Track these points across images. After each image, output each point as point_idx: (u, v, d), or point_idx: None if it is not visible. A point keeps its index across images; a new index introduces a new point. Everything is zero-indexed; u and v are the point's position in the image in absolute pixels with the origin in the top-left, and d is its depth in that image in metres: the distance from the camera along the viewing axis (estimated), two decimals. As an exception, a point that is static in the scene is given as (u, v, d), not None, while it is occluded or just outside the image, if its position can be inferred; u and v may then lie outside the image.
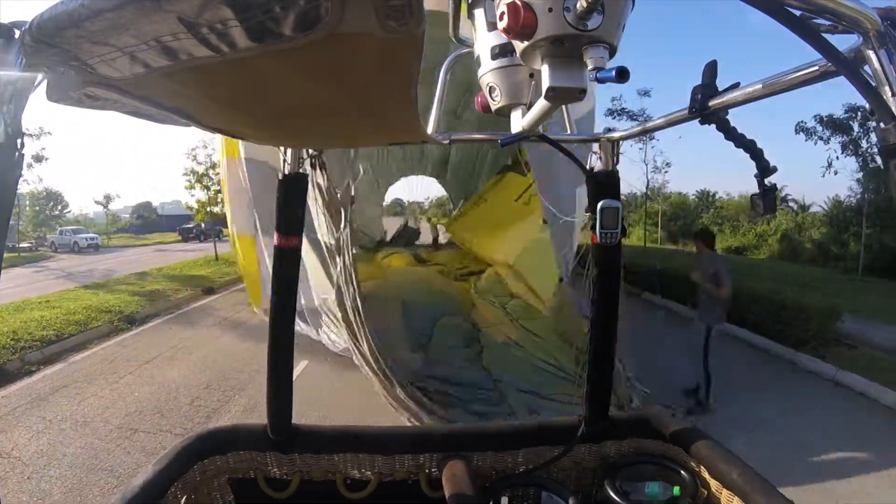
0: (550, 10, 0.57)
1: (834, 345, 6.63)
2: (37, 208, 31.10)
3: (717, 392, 4.87)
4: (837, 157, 13.77)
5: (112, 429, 4.54)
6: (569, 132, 1.48)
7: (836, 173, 14.03)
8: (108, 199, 40.14)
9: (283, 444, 1.63)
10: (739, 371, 6.00)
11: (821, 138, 13.29)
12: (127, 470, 3.86)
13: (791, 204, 26.64)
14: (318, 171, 1.62)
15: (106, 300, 10.11)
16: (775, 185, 0.84)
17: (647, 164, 18.91)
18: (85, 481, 3.73)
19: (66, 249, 27.59)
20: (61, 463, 4.00)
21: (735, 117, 0.86)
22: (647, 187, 20.30)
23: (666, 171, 20.49)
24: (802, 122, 13.53)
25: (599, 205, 1.39)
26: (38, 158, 23.36)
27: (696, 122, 0.89)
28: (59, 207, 35.14)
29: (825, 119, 13.07)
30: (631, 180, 32.44)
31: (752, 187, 0.83)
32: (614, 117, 17.29)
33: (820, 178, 17.06)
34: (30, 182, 24.56)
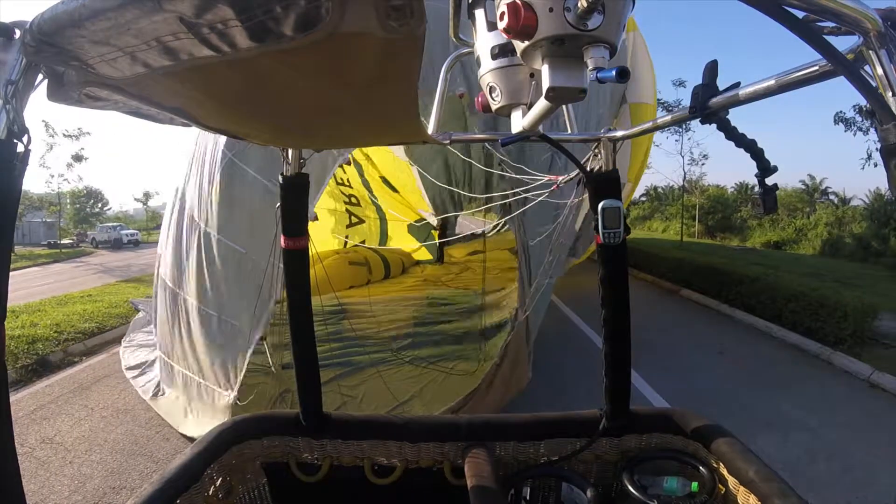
0: (551, 9, 0.57)
1: (871, 344, 6.40)
2: (77, 206, 32.11)
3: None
4: (878, 149, 13.14)
5: (152, 416, 4.65)
6: (569, 132, 1.49)
7: (875, 165, 13.42)
8: (147, 196, 41.58)
9: (314, 430, 1.69)
10: (773, 370, 5.87)
11: (860, 129, 12.72)
12: (165, 455, 3.98)
13: (831, 197, 25.73)
14: None
15: (146, 293, 10.33)
16: (776, 184, 0.84)
17: (683, 156, 18.26)
18: (125, 465, 3.85)
19: (106, 246, 28.49)
20: (102, 448, 4.13)
21: (772, 105, 0.85)
22: (683, 179, 19.67)
23: (703, 163, 19.73)
24: (841, 112, 12.97)
25: (600, 205, 1.40)
26: (79, 158, 24.30)
27: (729, 112, 0.88)
28: (100, 205, 36.18)
29: (864, 109, 12.50)
30: (667, 172, 31.72)
31: (791, 180, 0.83)
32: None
33: (860, 171, 16.29)
34: (70, 181, 25.39)
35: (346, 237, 9.90)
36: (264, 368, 4.81)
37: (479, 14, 0.79)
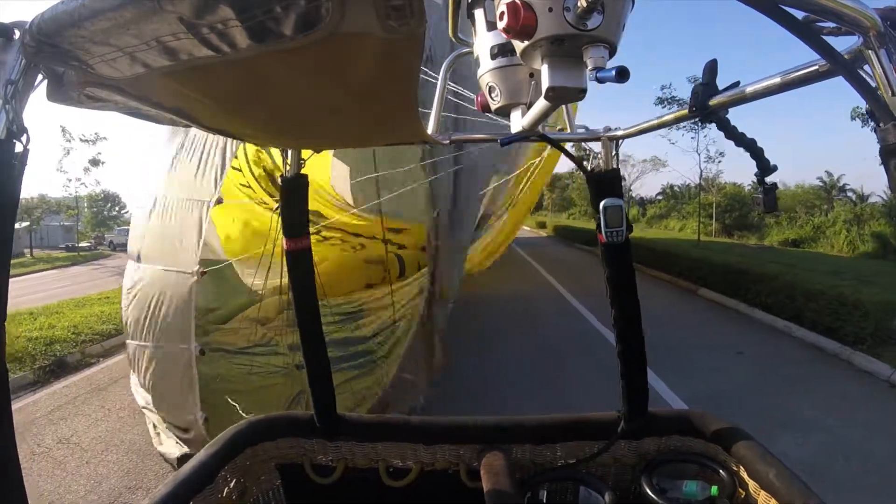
0: (550, 9, 0.56)
1: (891, 343, 6.29)
2: (95, 209, 32.60)
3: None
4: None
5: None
6: (569, 131, 1.47)
7: (894, 161, 13.21)
8: (164, 198, 42.06)
9: (328, 431, 1.68)
10: (792, 370, 5.78)
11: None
12: (181, 456, 4.03)
13: (849, 194, 25.41)
14: None
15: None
16: (776, 183, 0.83)
17: (699, 154, 18.10)
18: (140, 466, 3.90)
19: (124, 248, 28.85)
20: (118, 448, 4.18)
21: (787, 101, 0.83)
22: (700, 177, 19.48)
23: (719, 161, 19.57)
24: (858, 107, 12.76)
25: (602, 204, 1.38)
26: (96, 162, 24.73)
27: (742, 109, 0.87)
28: (117, 208, 36.72)
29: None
30: (683, 170, 31.62)
31: (808, 177, 0.81)
32: (664, 106, 16.51)
33: (878, 167, 16.02)
34: (88, 185, 25.85)
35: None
36: (280, 369, 4.83)
37: (479, 14, 0.79)
